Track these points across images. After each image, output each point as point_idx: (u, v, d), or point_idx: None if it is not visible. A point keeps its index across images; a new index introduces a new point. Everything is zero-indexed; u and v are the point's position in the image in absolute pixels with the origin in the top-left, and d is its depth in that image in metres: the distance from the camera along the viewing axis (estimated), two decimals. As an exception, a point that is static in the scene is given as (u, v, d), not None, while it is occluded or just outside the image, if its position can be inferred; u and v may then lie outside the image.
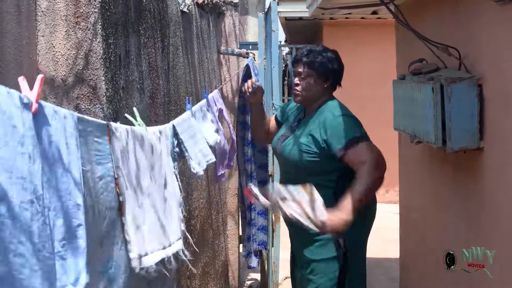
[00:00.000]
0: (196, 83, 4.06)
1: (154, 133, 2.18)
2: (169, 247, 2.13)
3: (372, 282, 5.14)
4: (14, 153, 1.32)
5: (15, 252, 1.31)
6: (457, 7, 2.71)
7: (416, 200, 3.66)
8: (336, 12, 6.38)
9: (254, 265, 5.26)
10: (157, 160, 2.16)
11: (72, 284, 1.51)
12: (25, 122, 1.37)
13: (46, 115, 1.49)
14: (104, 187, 1.79)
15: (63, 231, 1.51)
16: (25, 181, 1.34)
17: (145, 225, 1.99)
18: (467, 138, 2.35)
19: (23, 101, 1.38)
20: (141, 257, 1.91)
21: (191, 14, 3.91)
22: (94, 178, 1.74)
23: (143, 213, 1.99)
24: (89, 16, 2.20)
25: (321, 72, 2.97)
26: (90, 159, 1.72)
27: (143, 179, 2.03)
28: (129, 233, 1.87)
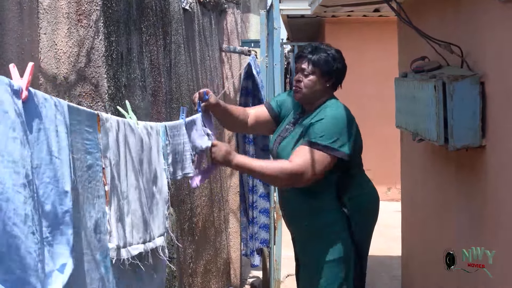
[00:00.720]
0: (198, 81, 4.06)
1: (145, 128, 2.18)
2: (149, 242, 2.14)
3: (374, 279, 5.14)
4: (6, 138, 1.34)
5: (10, 234, 1.32)
6: (459, 5, 2.70)
7: (418, 198, 3.66)
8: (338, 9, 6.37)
9: (256, 263, 5.26)
10: (146, 155, 2.17)
11: (58, 270, 1.52)
12: (15, 108, 1.39)
13: (36, 102, 1.50)
14: (93, 176, 1.81)
15: (51, 217, 1.53)
16: (16, 165, 1.36)
17: (128, 217, 2.00)
18: (469, 136, 2.35)
19: (13, 87, 1.39)
20: (119, 248, 1.92)
21: (193, 12, 3.91)
22: (83, 166, 1.76)
23: (127, 204, 2.00)
24: (91, 13, 2.20)
25: (325, 71, 2.88)
26: (80, 148, 1.74)
27: (130, 172, 2.04)
28: (111, 223, 1.89)
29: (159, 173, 2.26)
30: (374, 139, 8.56)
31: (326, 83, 2.91)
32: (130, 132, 2.05)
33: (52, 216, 1.53)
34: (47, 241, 1.51)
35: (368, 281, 3.14)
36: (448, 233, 2.91)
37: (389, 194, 8.55)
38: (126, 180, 2.00)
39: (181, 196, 3.45)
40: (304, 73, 2.90)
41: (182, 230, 3.45)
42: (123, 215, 1.97)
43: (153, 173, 2.22)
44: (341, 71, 2.96)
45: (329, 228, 2.84)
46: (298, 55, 2.98)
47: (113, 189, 1.90)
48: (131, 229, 2.02)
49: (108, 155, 1.88)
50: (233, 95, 5.42)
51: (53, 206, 1.54)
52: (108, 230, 1.88)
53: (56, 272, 1.52)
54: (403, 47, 3.95)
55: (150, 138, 2.21)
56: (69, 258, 1.57)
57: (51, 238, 1.52)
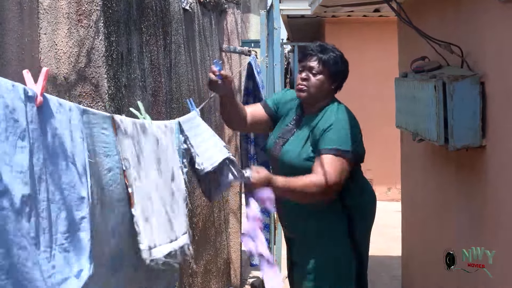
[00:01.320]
0: (198, 81, 4.06)
1: (159, 127, 2.18)
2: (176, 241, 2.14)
3: (374, 280, 5.14)
4: (14, 148, 1.33)
5: (19, 245, 1.32)
6: (460, 5, 2.70)
7: (418, 198, 3.66)
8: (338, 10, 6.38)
9: (256, 262, 5.26)
10: (162, 154, 2.16)
11: (75, 276, 1.52)
12: (28, 115, 1.38)
13: (51, 107, 1.50)
14: (113, 179, 1.79)
15: (67, 223, 1.52)
16: (25, 175, 1.35)
17: (154, 217, 2.00)
18: (469, 136, 2.35)
19: (27, 94, 1.39)
20: (150, 249, 1.91)
21: (193, 12, 3.91)
22: (102, 170, 1.74)
23: (151, 205, 1.99)
24: (91, 14, 2.20)
25: (333, 72, 2.81)
26: (97, 152, 1.72)
27: (150, 172, 2.03)
28: (139, 225, 1.87)
29: (176, 172, 2.26)
30: (374, 139, 8.56)
31: (331, 85, 2.83)
32: (145, 132, 2.05)
33: (69, 222, 1.52)
34: (63, 248, 1.50)
35: (368, 281, 3.14)
36: (448, 233, 2.91)
37: (389, 194, 8.55)
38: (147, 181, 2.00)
39: (181, 196, 3.45)
40: (312, 72, 2.80)
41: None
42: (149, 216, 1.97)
43: (171, 172, 2.21)
44: (346, 75, 2.92)
45: (330, 230, 2.84)
46: (306, 53, 2.87)
47: (136, 190, 1.90)
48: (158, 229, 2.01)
49: (127, 157, 1.87)
50: (233, 95, 5.41)
51: (69, 212, 1.53)
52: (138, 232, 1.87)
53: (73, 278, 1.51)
54: (403, 47, 3.95)
55: (165, 136, 2.21)
56: (86, 264, 1.56)
57: (68, 245, 1.51)
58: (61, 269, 1.48)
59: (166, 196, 2.13)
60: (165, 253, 2.00)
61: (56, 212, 1.48)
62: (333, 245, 2.84)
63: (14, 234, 1.31)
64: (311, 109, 2.86)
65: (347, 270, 2.86)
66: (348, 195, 2.80)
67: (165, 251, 2.01)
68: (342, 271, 2.86)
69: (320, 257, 2.87)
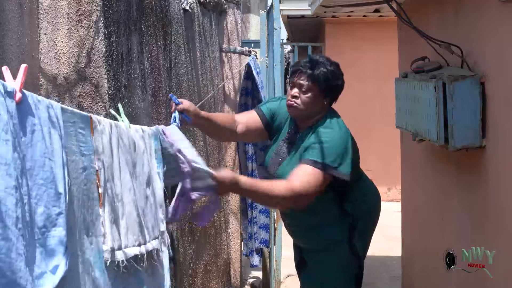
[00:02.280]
0: (198, 81, 4.06)
1: (136, 131, 2.19)
2: (144, 245, 2.14)
3: (374, 280, 5.14)
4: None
5: (2, 236, 1.33)
6: (460, 5, 2.70)
7: (419, 198, 3.66)
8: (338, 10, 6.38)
9: (256, 263, 5.26)
10: (139, 158, 2.17)
11: (50, 272, 1.53)
12: (8, 110, 1.39)
13: (30, 104, 1.51)
14: (88, 178, 1.81)
15: (43, 218, 1.53)
16: (9, 167, 1.37)
17: (123, 219, 2.01)
18: (469, 136, 2.35)
19: (6, 89, 1.40)
20: (113, 251, 1.92)
21: (193, 12, 3.91)
22: (78, 168, 1.77)
23: (122, 207, 2.00)
24: (91, 14, 2.20)
25: (324, 89, 2.70)
26: (74, 150, 1.75)
27: (124, 174, 2.04)
28: (105, 225, 1.89)
29: (152, 177, 2.26)
30: (374, 139, 8.56)
31: (324, 100, 2.74)
32: (123, 135, 2.06)
33: (45, 217, 1.54)
34: (39, 243, 1.51)
35: (368, 281, 3.15)
36: (448, 233, 2.91)
37: (389, 195, 8.55)
38: (120, 183, 2.01)
39: (181, 196, 3.45)
40: (302, 90, 2.71)
41: (182, 231, 3.45)
42: (118, 217, 1.98)
43: (147, 176, 2.22)
44: (340, 88, 2.80)
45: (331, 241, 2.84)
46: (296, 69, 2.78)
47: (106, 191, 1.91)
48: (126, 231, 2.02)
49: (102, 158, 1.89)
50: (233, 95, 5.42)
51: (46, 208, 1.55)
52: (102, 232, 1.88)
53: (48, 273, 1.53)
54: (403, 47, 3.95)
55: (142, 141, 2.22)
56: (62, 260, 1.57)
57: (44, 240, 1.53)
58: (38, 263, 1.50)
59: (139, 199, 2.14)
60: (130, 256, 2.01)
61: (34, 207, 1.50)
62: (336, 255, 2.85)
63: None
64: (305, 124, 2.79)
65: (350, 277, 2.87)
66: (347, 203, 2.80)
67: (131, 253, 2.02)
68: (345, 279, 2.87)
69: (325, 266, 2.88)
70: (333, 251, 2.84)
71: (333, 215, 2.81)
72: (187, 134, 3.63)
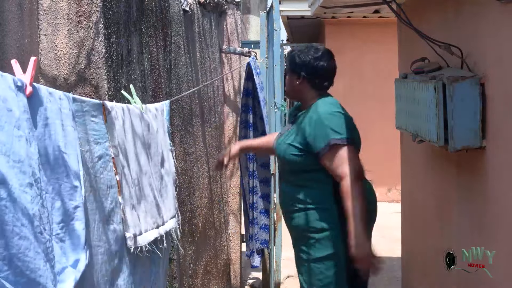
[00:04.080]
0: (198, 82, 4.06)
1: (150, 111, 2.18)
2: (162, 226, 2.14)
3: (374, 281, 5.13)
4: (11, 137, 1.33)
5: (20, 235, 1.31)
6: (460, 6, 2.70)
7: (419, 199, 3.65)
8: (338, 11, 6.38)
9: (257, 264, 5.26)
10: (153, 138, 2.16)
11: (71, 266, 1.52)
12: (20, 105, 1.37)
13: (41, 97, 1.49)
14: (104, 167, 1.79)
15: (61, 213, 1.52)
16: (23, 164, 1.35)
17: (141, 203, 2.00)
18: (469, 137, 2.35)
19: (16, 84, 1.38)
20: (135, 237, 1.91)
21: (193, 13, 3.91)
22: (93, 158, 1.75)
23: (139, 191, 1.99)
24: (91, 15, 2.20)
25: (292, 69, 3.00)
26: (88, 139, 1.73)
27: (140, 157, 2.03)
28: (126, 212, 1.88)
29: (166, 155, 2.26)
30: (375, 140, 8.56)
31: (297, 80, 2.98)
32: (136, 117, 2.05)
33: (63, 212, 1.52)
34: (59, 238, 1.50)
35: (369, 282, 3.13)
36: (448, 234, 2.91)
37: (389, 195, 8.55)
38: (136, 167, 1.99)
39: (181, 197, 3.45)
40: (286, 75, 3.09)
41: (182, 231, 3.45)
42: (137, 203, 1.96)
43: (161, 156, 2.21)
44: (310, 67, 2.97)
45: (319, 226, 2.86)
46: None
47: (124, 178, 1.89)
48: (144, 215, 2.01)
49: (116, 144, 1.87)
50: (233, 96, 5.42)
51: (63, 202, 1.53)
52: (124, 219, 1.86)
53: (69, 268, 1.51)
54: (403, 48, 3.95)
55: (156, 120, 2.21)
56: (82, 253, 1.55)
57: (63, 235, 1.51)
58: (59, 259, 1.48)
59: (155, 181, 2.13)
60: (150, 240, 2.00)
61: (51, 202, 1.48)
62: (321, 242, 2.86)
63: (14, 224, 1.30)
64: (303, 107, 3.04)
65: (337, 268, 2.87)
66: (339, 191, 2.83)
67: (151, 238, 2.01)
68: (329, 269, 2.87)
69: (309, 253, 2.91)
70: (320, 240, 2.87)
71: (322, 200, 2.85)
72: (187, 135, 3.63)
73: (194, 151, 3.84)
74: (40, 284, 1.36)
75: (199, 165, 3.98)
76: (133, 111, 2.03)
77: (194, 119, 3.84)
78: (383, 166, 8.33)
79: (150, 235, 2.02)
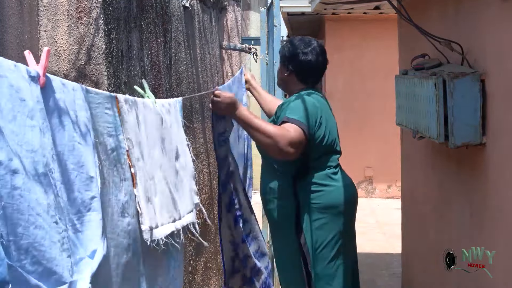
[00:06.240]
0: (198, 79, 4.06)
1: (163, 106, 2.18)
2: (179, 220, 2.13)
3: (374, 277, 5.15)
4: (24, 127, 1.32)
5: (35, 224, 1.31)
6: (460, 2, 2.70)
7: (419, 196, 3.66)
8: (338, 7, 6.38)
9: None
10: (167, 133, 2.16)
11: (89, 257, 1.51)
12: (33, 95, 1.37)
13: (54, 88, 1.49)
14: (117, 159, 1.79)
15: (77, 204, 1.51)
16: (36, 154, 1.34)
17: (156, 197, 1.99)
18: (469, 133, 2.35)
19: (30, 74, 1.38)
20: (152, 229, 1.91)
21: (193, 9, 3.90)
22: (107, 150, 1.74)
23: (154, 185, 1.99)
24: (91, 11, 2.20)
25: (282, 60, 3.08)
26: (101, 131, 1.72)
27: (153, 151, 2.02)
28: (141, 205, 1.87)
29: (181, 150, 2.25)
30: (374, 136, 8.56)
31: (285, 72, 3.05)
32: (149, 111, 2.04)
33: (79, 202, 1.52)
34: (75, 228, 1.49)
35: (368, 278, 3.14)
36: (449, 231, 2.91)
37: (390, 192, 8.55)
38: (150, 160, 1.99)
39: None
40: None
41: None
42: (152, 196, 1.96)
43: (175, 151, 2.20)
44: (296, 58, 3.00)
45: (280, 218, 2.93)
46: None
47: (139, 170, 1.88)
48: (160, 209, 2.00)
49: (130, 137, 1.86)
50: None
51: (79, 193, 1.52)
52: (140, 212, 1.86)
53: (87, 258, 1.51)
54: (404, 44, 3.95)
55: (169, 114, 2.20)
56: (99, 244, 1.55)
57: (80, 225, 1.51)
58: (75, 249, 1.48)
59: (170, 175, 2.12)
60: (167, 233, 2.00)
61: (66, 192, 1.47)
62: (281, 234, 2.96)
63: (30, 213, 1.30)
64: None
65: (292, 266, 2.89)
66: (299, 183, 2.87)
67: (167, 231, 2.01)
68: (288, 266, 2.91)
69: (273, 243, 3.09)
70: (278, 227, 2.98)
71: (284, 191, 2.90)
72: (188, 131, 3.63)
73: (195, 147, 3.85)
74: (56, 273, 1.35)
75: (200, 161, 3.98)
76: (146, 104, 2.03)
77: (194, 115, 3.84)
78: (383, 163, 8.33)
79: (166, 228, 2.01)
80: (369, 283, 4.83)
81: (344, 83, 8.52)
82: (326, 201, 2.89)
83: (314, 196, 2.88)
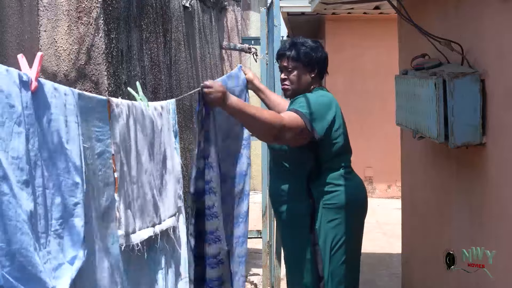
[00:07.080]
0: (198, 78, 4.06)
1: (155, 109, 2.17)
2: (159, 225, 2.13)
3: (374, 277, 5.14)
4: (10, 133, 1.33)
5: (22, 231, 1.32)
6: (460, 2, 2.70)
7: (419, 196, 3.66)
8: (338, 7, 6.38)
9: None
10: (157, 137, 2.15)
11: (68, 262, 1.52)
12: (23, 100, 1.37)
13: (46, 92, 1.49)
14: (103, 164, 1.79)
15: (61, 209, 1.52)
16: (21, 161, 1.35)
17: (138, 201, 1.99)
18: (469, 133, 2.35)
19: (22, 78, 1.38)
20: (128, 235, 1.91)
21: (193, 9, 3.90)
22: (93, 154, 1.74)
23: (137, 189, 1.98)
24: (91, 11, 2.20)
25: (307, 63, 2.97)
26: (90, 136, 1.72)
27: (141, 155, 2.02)
28: (120, 210, 1.87)
29: (169, 154, 2.25)
30: (375, 136, 8.56)
31: (311, 73, 2.99)
32: (141, 115, 2.04)
33: (62, 208, 1.52)
34: (57, 234, 1.50)
35: (368, 278, 3.14)
36: (449, 231, 2.91)
37: (390, 192, 8.54)
38: (136, 165, 1.98)
39: (182, 193, 3.46)
40: (288, 71, 2.99)
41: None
42: (132, 200, 1.96)
43: (163, 155, 2.20)
44: (322, 60, 3.02)
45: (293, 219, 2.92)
46: (278, 54, 3.05)
47: (122, 175, 1.88)
48: (141, 214, 2.00)
49: (118, 141, 1.86)
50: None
51: (64, 198, 1.53)
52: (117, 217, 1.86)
53: (66, 264, 1.51)
54: (404, 44, 3.95)
55: (161, 118, 2.20)
56: (79, 250, 1.55)
57: (61, 231, 1.51)
58: (56, 254, 1.48)
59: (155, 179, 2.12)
60: (144, 238, 2.00)
61: (51, 198, 1.48)
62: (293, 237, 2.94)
63: (17, 219, 1.31)
64: None
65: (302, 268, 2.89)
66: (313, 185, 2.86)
67: (145, 236, 2.01)
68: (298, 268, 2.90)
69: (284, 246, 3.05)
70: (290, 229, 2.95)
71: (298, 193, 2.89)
72: (187, 131, 3.63)
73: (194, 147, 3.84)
74: (41, 280, 1.36)
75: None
76: (138, 108, 2.03)
77: (194, 116, 3.85)
78: (383, 163, 8.33)
79: (144, 233, 2.02)
80: (369, 283, 4.83)
81: (344, 83, 8.51)
82: (341, 201, 2.90)
83: (329, 197, 2.88)
